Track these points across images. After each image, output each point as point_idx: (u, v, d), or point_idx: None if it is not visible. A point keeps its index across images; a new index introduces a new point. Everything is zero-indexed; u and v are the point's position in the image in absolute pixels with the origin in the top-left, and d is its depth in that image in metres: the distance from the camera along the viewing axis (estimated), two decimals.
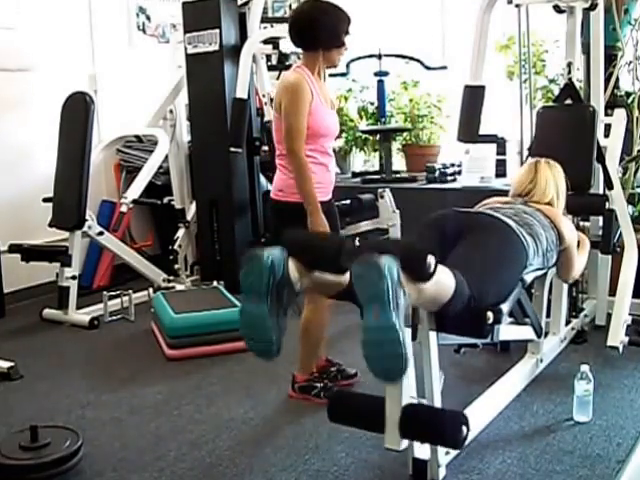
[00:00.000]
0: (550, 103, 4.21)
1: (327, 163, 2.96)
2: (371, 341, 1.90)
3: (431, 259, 1.99)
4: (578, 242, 3.05)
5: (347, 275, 2.10)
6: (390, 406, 2.19)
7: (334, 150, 3.11)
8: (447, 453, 2.40)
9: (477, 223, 2.62)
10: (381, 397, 2.21)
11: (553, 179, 3.06)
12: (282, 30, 4.81)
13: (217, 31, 4.53)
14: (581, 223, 3.64)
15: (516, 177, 3.18)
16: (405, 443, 2.20)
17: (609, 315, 3.54)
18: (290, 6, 6.01)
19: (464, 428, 2.11)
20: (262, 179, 4.96)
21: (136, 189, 4.46)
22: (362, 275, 1.92)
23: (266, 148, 4.72)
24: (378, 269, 1.88)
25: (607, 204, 3.46)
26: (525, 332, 2.89)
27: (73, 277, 4.26)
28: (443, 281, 2.12)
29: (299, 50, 3.07)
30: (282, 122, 2.87)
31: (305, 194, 2.84)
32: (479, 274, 2.29)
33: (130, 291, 4.35)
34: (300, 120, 2.82)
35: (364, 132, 5.56)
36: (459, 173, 5.05)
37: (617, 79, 3.97)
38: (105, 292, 4.38)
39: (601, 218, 3.59)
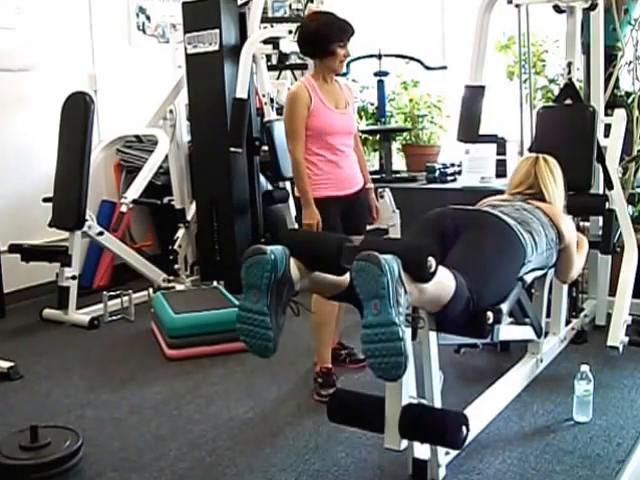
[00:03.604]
0: (550, 103, 4.22)
1: (337, 160, 3.15)
2: (371, 337, 1.90)
3: (432, 260, 2.00)
4: (577, 243, 3.05)
5: (347, 276, 2.12)
6: (390, 406, 2.19)
7: None
8: (447, 453, 2.40)
9: (475, 221, 2.62)
10: (381, 397, 2.21)
11: (552, 177, 3.06)
12: (282, 30, 4.83)
13: (217, 31, 4.53)
14: (581, 223, 3.64)
15: (515, 174, 3.17)
16: (405, 443, 2.20)
17: (609, 315, 3.54)
18: (290, 6, 6.01)
19: (464, 428, 2.11)
20: (262, 179, 4.96)
21: (136, 189, 4.46)
22: (362, 271, 1.92)
23: (266, 148, 4.72)
24: (378, 265, 1.89)
25: (607, 204, 3.46)
26: (525, 332, 2.89)
27: (73, 277, 4.26)
28: (444, 282, 2.12)
29: (299, 50, 3.25)
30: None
31: (298, 189, 3.13)
32: (477, 274, 2.29)
33: (130, 291, 4.35)
34: (294, 124, 3.08)
35: (364, 132, 5.56)
36: (459, 173, 5.04)
37: (617, 79, 3.97)
38: (105, 292, 4.38)
39: (601, 218, 3.59)
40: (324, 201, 3.08)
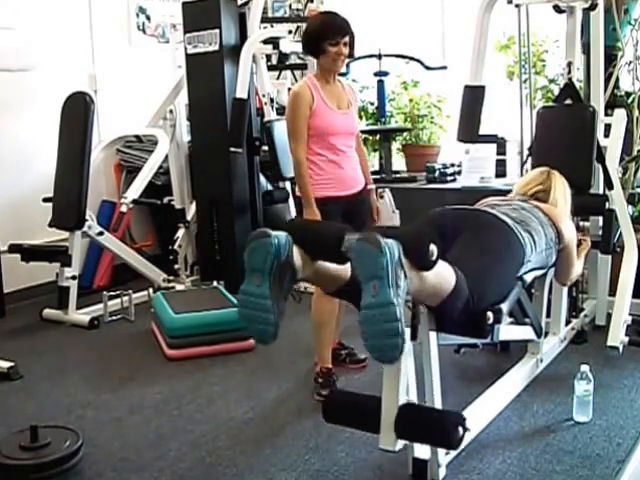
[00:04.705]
0: (550, 103, 4.22)
1: (339, 161, 3.15)
2: (368, 318, 1.90)
3: (433, 247, 2.00)
4: (579, 244, 3.06)
5: (348, 270, 2.13)
6: (386, 405, 2.17)
7: None
8: (447, 453, 2.40)
9: (474, 221, 2.62)
10: (377, 397, 2.21)
11: (563, 187, 3.09)
12: (282, 30, 4.84)
13: (217, 31, 4.53)
14: (581, 223, 3.64)
15: (525, 177, 3.21)
16: (400, 444, 2.18)
17: (609, 315, 3.54)
18: (290, 6, 6.01)
19: (460, 429, 2.09)
20: (262, 179, 4.96)
21: (136, 189, 4.46)
22: (362, 251, 1.93)
23: (266, 148, 4.72)
24: (378, 245, 1.90)
25: (607, 204, 3.47)
26: (525, 332, 2.89)
27: (73, 277, 4.26)
28: (444, 274, 2.13)
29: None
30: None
31: (299, 188, 3.12)
32: (477, 275, 2.29)
33: (130, 291, 4.35)
34: (296, 124, 3.08)
35: (364, 132, 5.56)
36: (459, 173, 5.05)
37: (617, 79, 3.97)
38: (105, 292, 4.38)
39: (601, 218, 3.59)
40: (325, 201, 3.08)
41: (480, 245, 2.48)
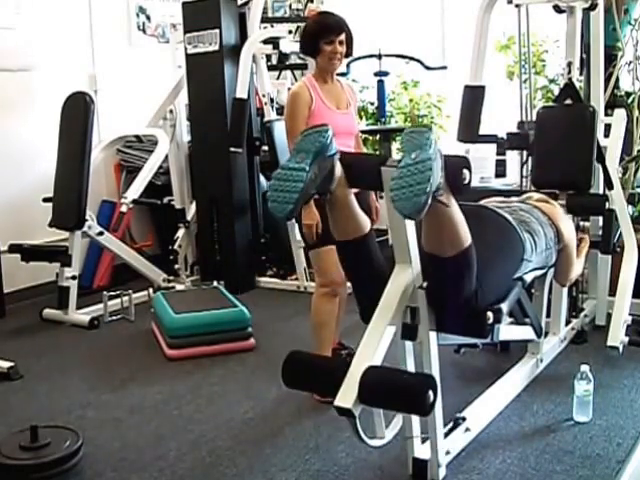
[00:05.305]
0: (550, 103, 4.22)
1: None
2: (403, 172, 1.92)
3: (467, 172, 2.04)
4: (578, 244, 3.05)
5: (367, 224, 2.29)
6: (355, 366, 2.04)
7: None
8: (447, 453, 2.41)
9: (474, 216, 2.61)
10: (343, 359, 2.13)
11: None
12: (282, 30, 4.84)
13: (217, 31, 4.54)
14: (581, 223, 3.65)
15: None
16: (359, 408, 2.02)
17: (609, 315, 3.54)
18: (290, 6, 6.01)
19: (431, 392, 1.96)
20: (262, 179, 4.96)
21: (136, 189, 4.46)
22: (412, 132, 2.01)
23: (266, 148, 4.72)
24: (430, 129, 2.00)
25: (607, 204, 3.46)
26: (525, 332, 2.89)
27: (73, 277, 4.25)
28: (464, 223, 2.16)
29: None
30: None
31: None
32: (479, 269, 2.29)
33: (130, 291, 4.35)
34: (295, 124, 3.05)
35: (364, 132, 5.55)
36: None
37: (617, 79, 3.97)
38: (105, 292, 4.37)
39: (601, 218, 3.60)
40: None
41: (480, 240, 2.47)
